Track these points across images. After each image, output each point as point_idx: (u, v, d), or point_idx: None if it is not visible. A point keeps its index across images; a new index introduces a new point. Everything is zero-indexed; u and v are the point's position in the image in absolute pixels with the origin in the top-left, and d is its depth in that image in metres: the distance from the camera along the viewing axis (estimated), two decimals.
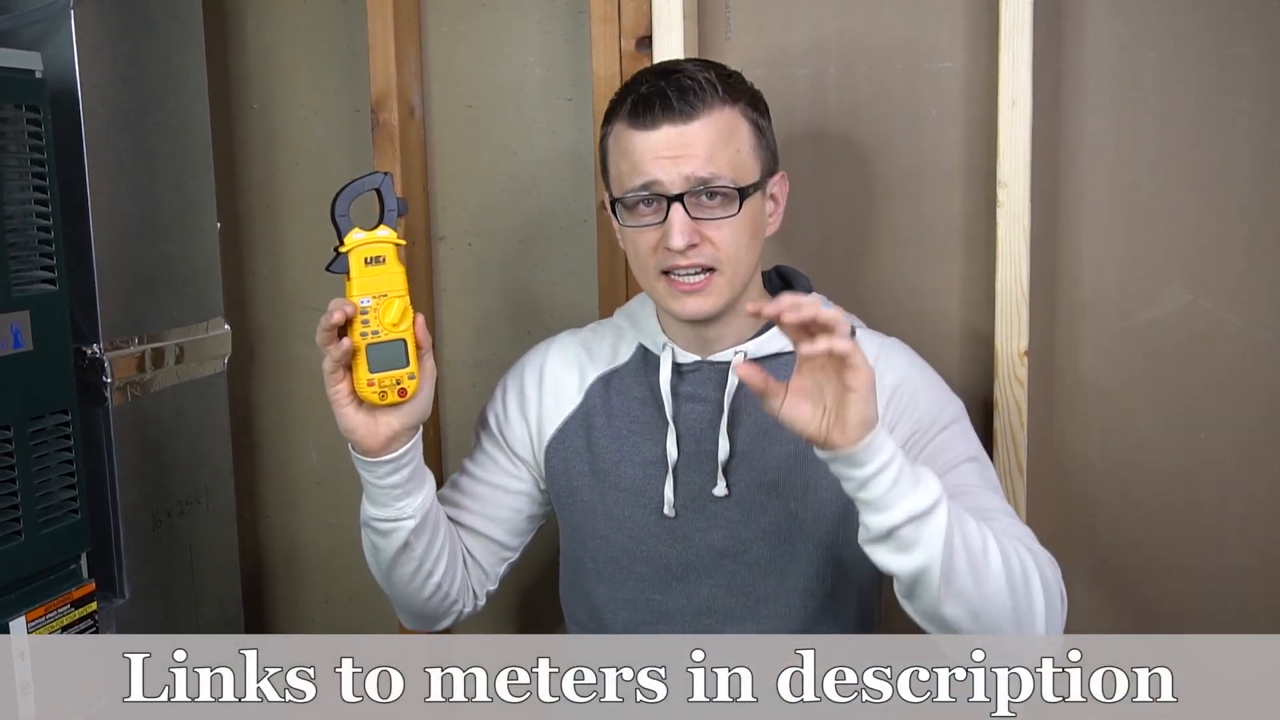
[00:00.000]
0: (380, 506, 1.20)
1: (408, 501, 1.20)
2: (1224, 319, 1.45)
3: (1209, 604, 1.50)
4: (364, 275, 1.12)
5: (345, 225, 1.13)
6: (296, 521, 1.90)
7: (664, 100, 1.17)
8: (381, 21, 1.63)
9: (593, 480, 1.29)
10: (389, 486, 1.18)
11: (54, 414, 1.35)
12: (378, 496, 1.20)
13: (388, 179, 1.16)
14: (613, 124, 1.22)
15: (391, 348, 1.13)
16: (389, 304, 1.12)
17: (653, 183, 1.17)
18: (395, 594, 1.29)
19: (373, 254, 1.12)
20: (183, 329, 1.60)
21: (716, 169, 1.17)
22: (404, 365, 1.13)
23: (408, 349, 1.13)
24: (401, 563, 1.23)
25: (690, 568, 1.25)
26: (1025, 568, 1.07)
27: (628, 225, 1.21)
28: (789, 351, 1.26)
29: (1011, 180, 1.42)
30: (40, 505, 1.33)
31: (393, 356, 1.13)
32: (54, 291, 1.34)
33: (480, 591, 1.34)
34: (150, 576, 1.54)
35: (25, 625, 1.30)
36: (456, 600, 1.30)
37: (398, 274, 1.13)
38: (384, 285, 1.12)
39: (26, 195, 1.31)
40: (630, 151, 1.19)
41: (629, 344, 1.32)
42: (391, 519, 1.20)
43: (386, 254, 1.13)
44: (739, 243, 1.19)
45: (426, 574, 1.25)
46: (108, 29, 1.46)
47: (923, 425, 1.22)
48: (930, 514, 1.01)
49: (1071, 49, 1.46)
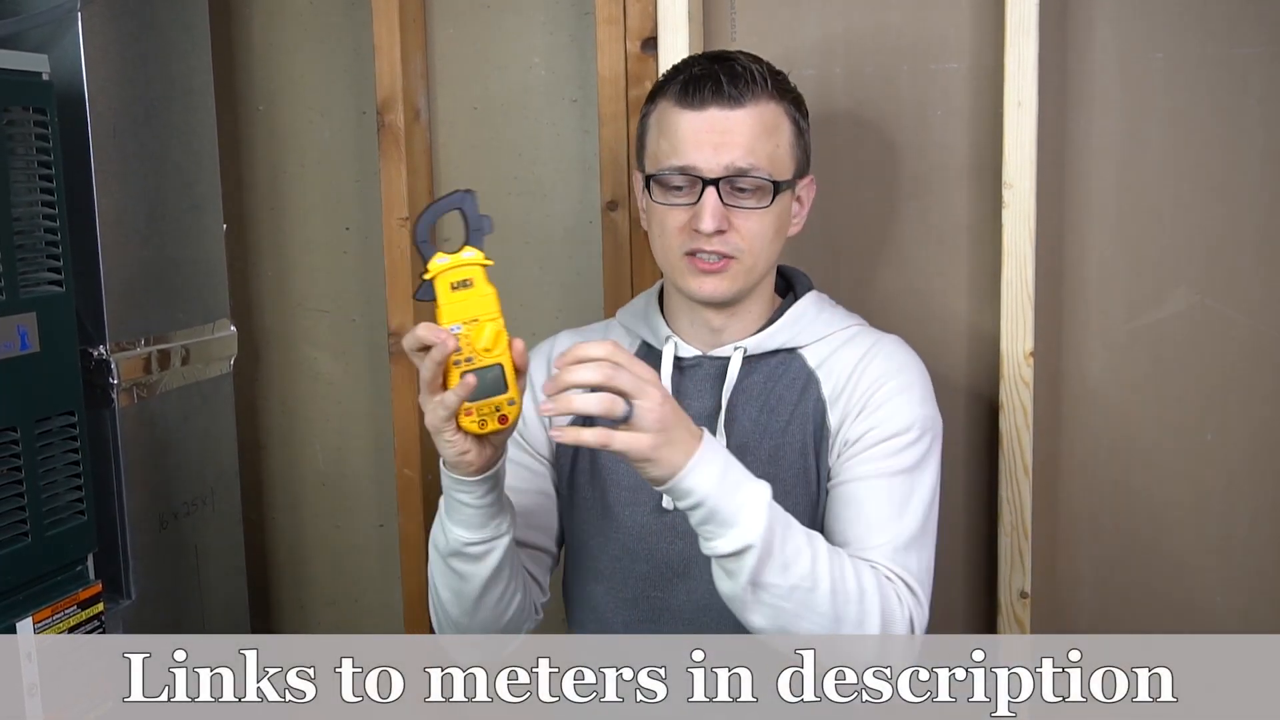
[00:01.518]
0: (476, 529, 1.15)
1: (504, 517, 1.16)
2: (1232, 320, 1.44)
3: (1217, 605, 1.49)
4: (452, 301, 1.06)
5: (428, 251, 1.07)
6: (302, 523, 1.90)
7: (715, 83, 1.18)
8: (387, 24, 1.64)
9: (592, 478, 1.29)
10: (487, 505, 1.14)
11: (60, 415, 1.35)
12: (474, 519, 1.15)
13: (470, 197, 1.09)
14: (657, 102, 1.23)
15: (489, 374, 1.06)
16: (480, 328, 1.05)
17: (690, 166, 1.18)
18: (477, 623, 1.23)
19: (459, 278, 1.06)
20: (189, 330, 1.60)
21: (755, 160, 1.18)
22: (502, 391, 1.06)
23: (505, 374, 1.06)
24: (494, 585, 1.19)
25: (690, 564, 1.25)
26: (861, 592, 1.09)
27: (659, 202, 1.21)
28: (788, 349, 1.26)
29: (1017, 181, 1.41)
30: (47, 506, 1.33)
31: (490, 383, 1.06)
32: (60, 293, 1.35)
33: (539, 605, 1.31)
34: (156, 577, 1.54)
35: (32, 626, 1.31)
36: (527, 617, 1.28)
37: (488, 296, 1.06)
38: (474, 310, 1.06)
39: (33, 197, 1.31)
40: (673, 130, 1.20)
41: (630, 341, 1.33)
42: (489, 539, 1.16)
43: (474, 276, 1.06)
44: (763, 235, 1.21)
45: (514, 592, 1.22)
46: (114, 31, 1.46)
47: (871, 429, 1.20)
48: (739, 556, 1.04)
49: (1078, 49, 1.45)
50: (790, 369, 1.26)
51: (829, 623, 1.07)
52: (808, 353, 1.26)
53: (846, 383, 1.23)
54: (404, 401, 1.70)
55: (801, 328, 1.27)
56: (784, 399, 1.24)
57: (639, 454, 1.00)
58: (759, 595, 1.05)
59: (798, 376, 1.25)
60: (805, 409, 1.24)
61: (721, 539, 1.04)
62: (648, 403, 1.00)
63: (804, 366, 1.26)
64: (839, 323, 1.28)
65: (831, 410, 1.23)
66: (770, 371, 1.25)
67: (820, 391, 1.24)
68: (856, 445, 1.20)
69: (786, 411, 1.23)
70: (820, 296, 1.31)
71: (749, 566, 1.03)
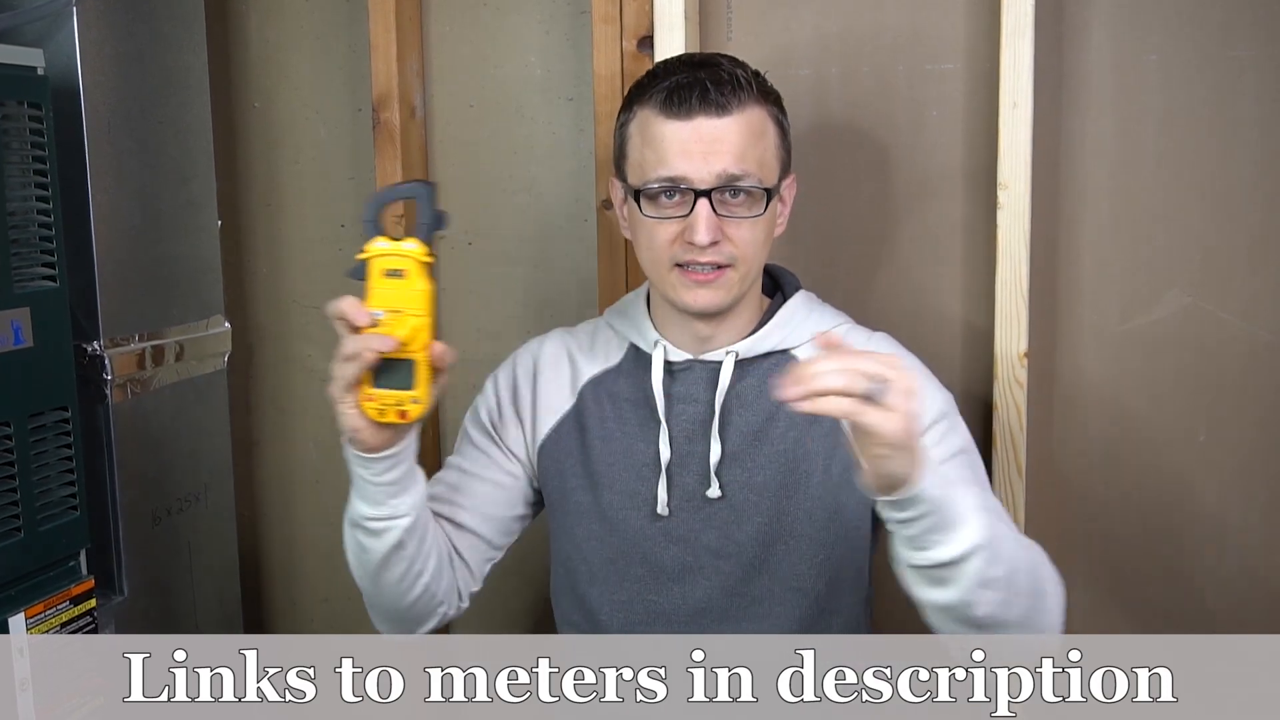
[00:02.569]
0: (375, 505, 1.17)
1: (403, 499, 1.16)
2: (1225, 322, 1.45)
3: (1209, 606, 1.50)
4: (381, 287, 1.05)
5: (370, 231, 1.07)
6: (296, 519, 1.90)
7: (701, 91, 1.15)
8: (383, 21, 1.64)
9: (586, 482, 1.28)
10: (386, 484, 1.15)
11: (54, 411, 1.35)
12: (373, 494, 1.16)
13: (429, 189, 1.08)
14: (635, 110, 1.20)
15: (400, 366, 1.05)
16: (402, 320, 1.04)
17: (680, 177, 1.16)
18: (382, 597, 1.25)
19: (394, 266, 1.05)
20: (183, 327, 1.60)
21: (745, 167, 1.16)
22: (408, 388, 1.06)
23: (415, 371, 1.06)
24: (393, 563, 1.20)
25: (685, 568, 1.25)
26: (1043, 578, 1.07)
27: (649, 216, 1.19)
28: (780, 351, 1.26)
29: (1012, 182, 1.42)
30: (40, 502, 1.33)
31: (399, 375, 1.06)
32: (55, 288, 1.34)
33: (465, 592, 1.30)
34: (149, 574, 1.54)
35: (24, 622, 1.30)
36: (443, 602, 1.27)
37: (420, 291, 1.05)
38: (401, 301, 1.05)
39: (28, 192, 1.31)
40: (658, 141, 1.17)
41: (620, 344, 1.32)
42: (386, 517, 1.17)
43: (409, 269, 1.05)
44: (756, 242, 1.19)
45: (417, 574, 1.22)
46: (110, 26, 1.46)
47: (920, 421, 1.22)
48: (965, 560, 0.99)
49: (1073, 50, 1.46)
50: (784, 370, 1.26)
51: (1035, 599, 1.05)
52: (800, 354, 1.26)
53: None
54: None
55: (793, 328, 1.26)
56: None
57: (893, 435, 0.92)
58: (983, 595, 1.00)
59: None
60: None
61: (945, 545, 0.98)
62: (901, 383, 0.93)
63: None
64: (829, 321, 1.29)
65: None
66: (763, 374, 1.25)
67: None
68: None
69: (787, 416, 1.23)
70: (809, 296, 1.31)
71: (976, 569, 0.98)
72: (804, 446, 1.23)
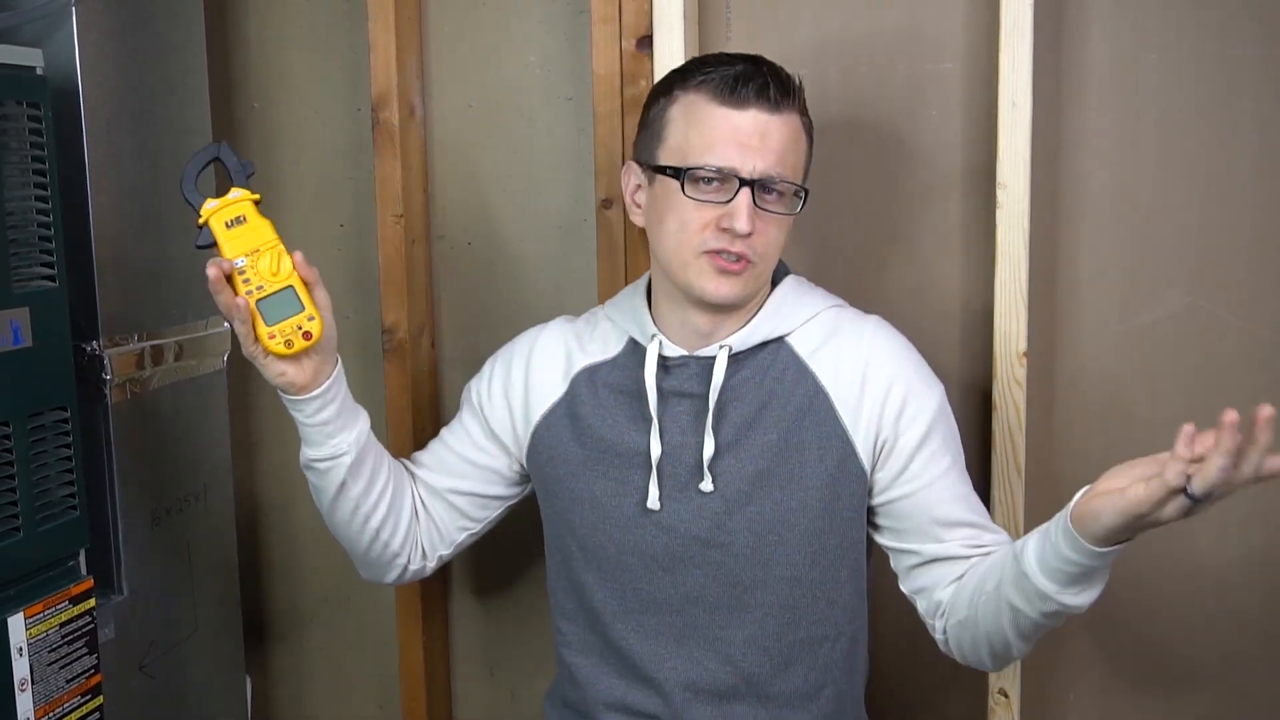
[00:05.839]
0: (316, 446, 1.25)
1: (342, 437, 1.25)
2: (1225, 321, 1.45)
3: (1208, 606, 1.49)
4: (230, 238, 1.17)
5: (196, 200, 1.19)
6: (295, 519, 1.90)
7: (760, 83, 1.17)
8: (382, 21, 1.64)
9: (579, 470, 1.29)
10: (321, 423, 1.23)
11: (53, 410, 1.35)
12: (312, 436, 1.25)
13: (224, 146, 1.21)
14: (678, 94, 1.21)
15: (280, 297, 1.17)
16: (262, 256, 1.17)
17: (729, 165, 1.17)
18: (339, 538, 1.36)
19: (231, 216, 1.18)
20: (182, 326, 1.60)
21: (784, 169, 1.19)
22: (299, 310, 1.17)
23: (297, 293, 1.17)
24: (340, 504, 1.29)
25: (676, 559, 1.25)
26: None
27: (690, 197, 1.19)
28: (774, 340, 1.26)
29: (1011, 181, 1.42)
30: (39, 502, 1.33)
31: (284, 305, 1.17)
32: (54, 288, 1.34)
33: (431, 552, 1.38)
34: (149, 573, 1.54)
35: (23, 621, 1.30)
36: (399, 553, 1.35)
37: (262, 227, 1.18)
38: (252, 242, 1.17)
39: (27, 191, 1.31)
40: (709, 125, 1.18)
41: (619, 337, 1.32)
42: (328, 457, 1.25)
43: (245, 212, 1.18)
44: (778, 242, 1.22)
45: (365, 517, 1.30)
46: (109, 26, 1.46)
47: (915, 432, 1.23)
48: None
49: (1072, 50, 1.46)
50: (779, 359, 1.26)
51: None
52: (794, 340, 1.26)
53: (853, 388, 1.24)
54: (397, 397, 1.70)
55: (784, 316, 1.27)
56: (775, 392, 1.24)
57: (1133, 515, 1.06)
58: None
59: (788, 367, 1.25)
60: (803, 401, 1.24)
61: (1087, 594, 1.12)
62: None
63: (793, 356, 1.25)
64: (820, 304, 1.29)
65: (843, 411, 1.23)
66: (758, 365, 1.25)
67: (818, 383, 1.24)
68: (898, 457, 1.24)
69: (780, 405, 1.23)
70: (799, 280, 1.31)
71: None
72: (797, 435, 1.23)
